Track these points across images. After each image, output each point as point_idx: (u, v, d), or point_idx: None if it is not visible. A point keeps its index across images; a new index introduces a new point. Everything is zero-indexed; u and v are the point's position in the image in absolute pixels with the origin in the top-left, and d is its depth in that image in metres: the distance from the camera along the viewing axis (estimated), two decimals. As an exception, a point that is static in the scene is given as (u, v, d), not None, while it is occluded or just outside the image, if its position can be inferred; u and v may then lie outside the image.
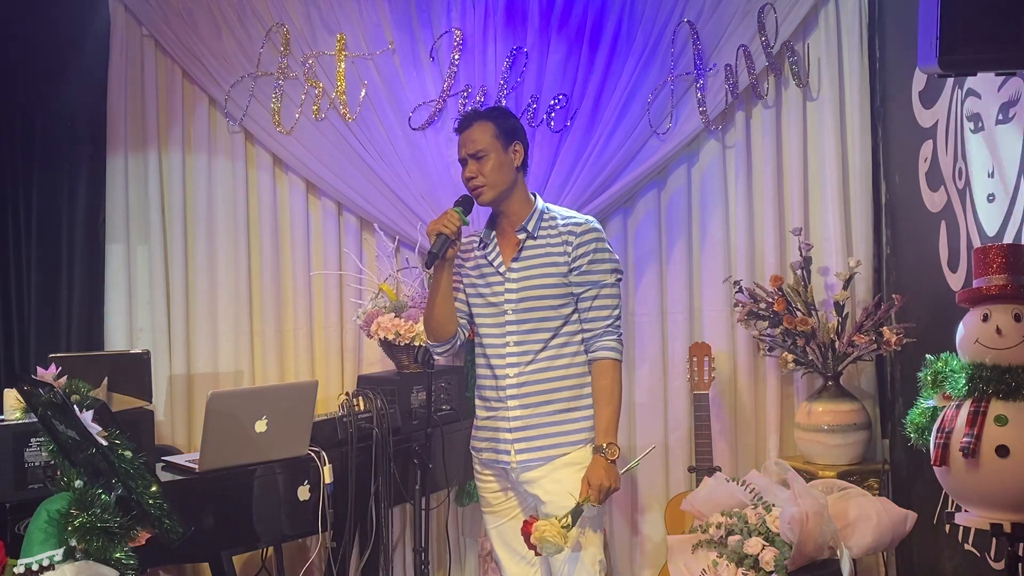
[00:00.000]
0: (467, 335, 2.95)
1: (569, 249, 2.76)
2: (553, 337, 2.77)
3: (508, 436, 2.79)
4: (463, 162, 2.81)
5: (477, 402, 2.94)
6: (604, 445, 2.68)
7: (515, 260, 2.80)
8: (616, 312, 2.79)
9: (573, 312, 2.79)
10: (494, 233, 2.87)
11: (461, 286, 2.89)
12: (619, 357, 2.77)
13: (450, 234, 2.72)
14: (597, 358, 2.76)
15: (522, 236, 2.80)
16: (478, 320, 2.87)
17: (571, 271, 2.76)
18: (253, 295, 4.32)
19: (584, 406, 2.78)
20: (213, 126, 4.33)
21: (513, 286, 2.78)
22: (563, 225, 2.80)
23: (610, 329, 2.77)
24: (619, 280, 2.82)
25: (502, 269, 2.81)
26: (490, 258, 2.85)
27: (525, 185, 2.85)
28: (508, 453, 2.79)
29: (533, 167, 4.14)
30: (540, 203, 2.85)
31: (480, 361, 2.91)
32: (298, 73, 4.25)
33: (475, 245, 2.89)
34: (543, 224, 2.81)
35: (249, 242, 4.31)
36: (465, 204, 2.81)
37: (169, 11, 4.23)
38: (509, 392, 2.78)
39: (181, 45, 4.24)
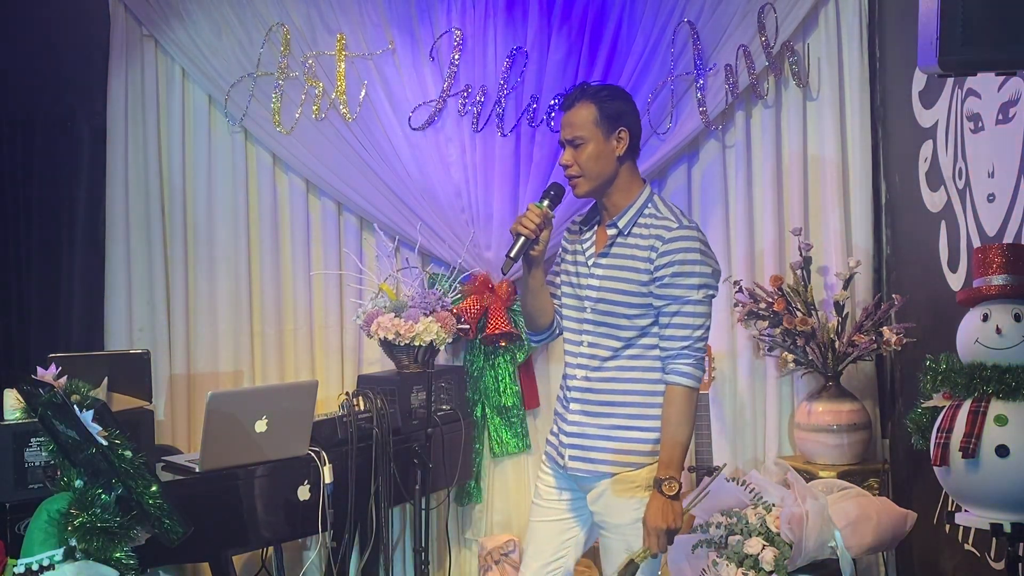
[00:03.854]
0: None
1: (654, 256, 2.46)
2: (626, 347, 2.51)
3: (565, 439, 2.60)
4: (562, 145, 2.55)
5: (559, 392, 2.75)
6: (663, 479, 2.41)
7: (602, 256, 2.55)
8: (698, 332, 2.46)
9: (652, 324, 2.50)
10: (597, 219, 2.62)
11: (560, 270, 2.69)
12: (692, 384, 2.45)
13: (528, 234, 2.48)
14: (667, 383, 2.47)
15: (612, 232, 2.54)
16: (564, 311, 2.64)
17: (653, 281, 2.47)
18: (253, 295, 4.32)
19: (649, 427, 2.50)
20: (213, 126, 4.33)
21: (595, 283, 2.54)
22: (655, 227, 2.49)
23: (686, 351, 2.45)
24: (708, 296, 2.49)
25: (591, 262, 2.57)
26: (585, 247, 2.61)
27: (632, 174, 2.56)
28: (562, 457, 2.60)
29: (534, 167, 4.15)
30: (643, 197, 2.55)
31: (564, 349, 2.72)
32: (298, 73, 4.24)
33: (578, 229, 2.66)
34: (640, 221, 2.52)
35: (249, 242, 4.31)
36: (553, 195, 2.56)
37: (169, 11, 4.23)
38: (573, 395, 2.58)
39: (181, 45, 4.24)
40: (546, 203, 2.53)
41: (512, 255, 2.49)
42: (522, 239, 2.48)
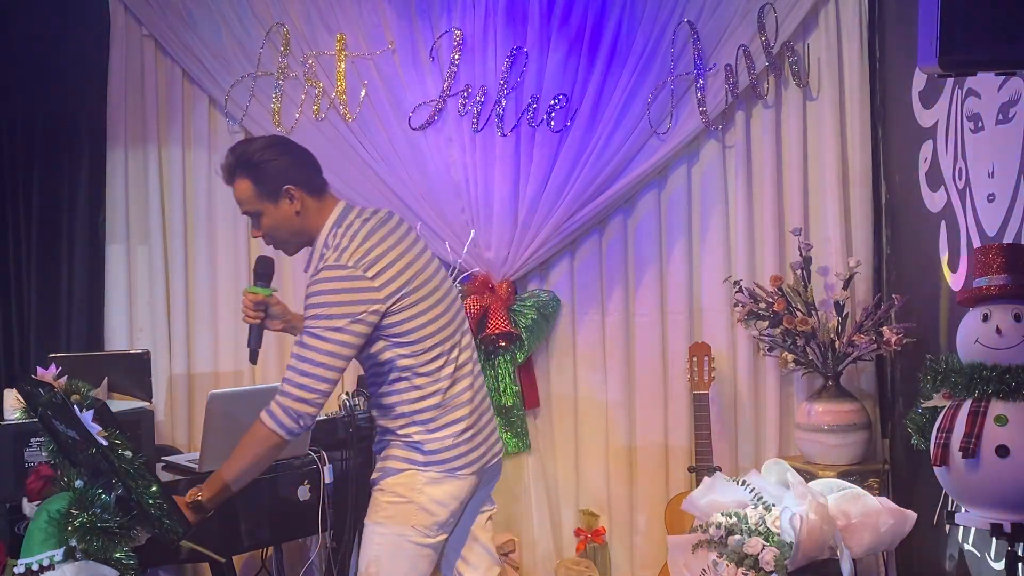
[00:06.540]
0: None
1: None
2: (374, 378, 2.53)
3: None
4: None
5: None
6: (193, 488, 2.41)
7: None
8: (302, 367, 2.31)
9: (383, 349, 2.43)
10: None
11: None
12: (272, 425, 2.34)
13: (254, 320, 2.61)
14: None
15: (309, 275, 2.48)
16: None
17: None
18: (253, 295, 4.31)
19: (394, 442, 2.51)
20: (213, 126, 4.33)
21: None
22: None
23: (283, 389, 2.34)
24: (331, 328, 2.31)
25: None
26: None
27: (319, 215, 2.51)
28: None
29: (534, 167, 4.14)
30: (323, 236, 2.46)
31: None
32: (298, 73, 4.24)
33: None
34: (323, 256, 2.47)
35: (249, 242, 4.30)
36: (262, 272, 2.62)
37: (169, 11, 4.23)
38: None
39: (181, 45, 4.24)
40: (259, 284, 2.62)
41: (252, 346, 2.64)
42: (252, 327, 2.63)
